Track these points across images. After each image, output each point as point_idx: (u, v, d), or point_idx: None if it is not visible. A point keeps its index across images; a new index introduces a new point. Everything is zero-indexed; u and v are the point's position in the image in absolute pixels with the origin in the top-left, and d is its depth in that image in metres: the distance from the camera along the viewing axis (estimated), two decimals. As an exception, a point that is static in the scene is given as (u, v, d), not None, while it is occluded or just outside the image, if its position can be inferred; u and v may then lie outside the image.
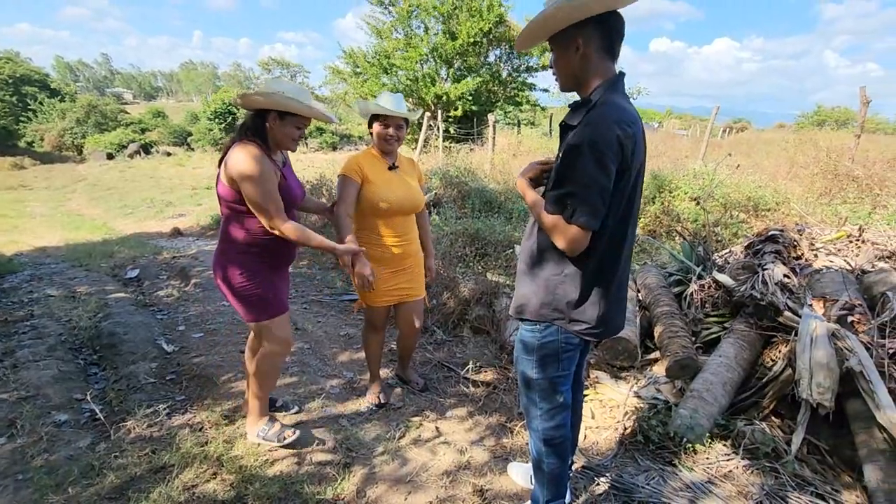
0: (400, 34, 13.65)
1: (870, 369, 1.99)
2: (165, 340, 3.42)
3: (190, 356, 3.19)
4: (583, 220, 1.27)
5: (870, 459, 1.99)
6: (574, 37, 1.33)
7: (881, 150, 7.91)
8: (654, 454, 2.25)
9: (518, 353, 1.56)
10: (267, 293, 2.03)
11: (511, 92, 14.25)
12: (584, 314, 1.43)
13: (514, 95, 14.17)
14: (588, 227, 1.28)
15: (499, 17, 12.25)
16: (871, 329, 2.11)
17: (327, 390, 2.84)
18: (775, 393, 2.36)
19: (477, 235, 5.40)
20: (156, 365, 3.06)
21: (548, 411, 1.54)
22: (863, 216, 4.70)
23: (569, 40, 1.35)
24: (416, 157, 12.71)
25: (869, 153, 7.01)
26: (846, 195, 5.19)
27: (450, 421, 2.57)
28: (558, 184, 1.33)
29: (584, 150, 1.25)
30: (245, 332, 3.60)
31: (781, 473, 2.09)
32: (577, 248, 1.32)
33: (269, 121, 1.90)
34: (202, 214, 10.56)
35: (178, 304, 4.20)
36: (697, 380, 2.47)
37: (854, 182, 5.35)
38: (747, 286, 2.60)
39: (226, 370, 3.00)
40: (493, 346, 3.51)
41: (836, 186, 5.54)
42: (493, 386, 2.89)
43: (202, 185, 17.71)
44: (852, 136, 6.49)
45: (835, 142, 8.18)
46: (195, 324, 3.76)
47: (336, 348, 3.49)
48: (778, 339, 2.48)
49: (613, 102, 1.31)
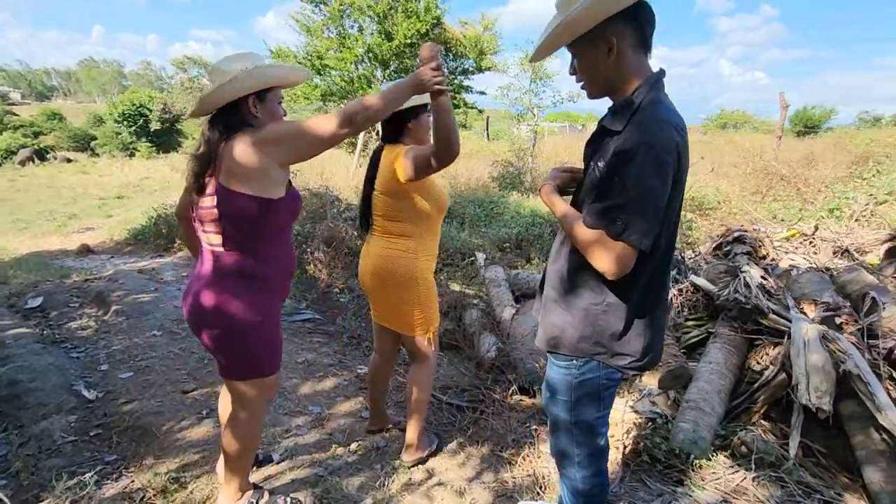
0: (332, 33, 13.10)
1: (866, 371, 2.00)
2: (85, 385, 2.87)
3: (119, 403, 2.69)
4: (634, 238, 1.08)
5: (870, 461, 2.00)
6: (604, 35, 1.14)
7: (790, 150, 8.67)
8: (661, 475, 2.14)
9: (551, 395, 1.35)
10: (276, 340, 1.65)
11: (448, 94, 14.20)
12: (629, 346, 1.25)
13: (451, 98, 14.13)
14: (640, 245, 1.09)
15: (436, 20, 12.09)
16: (861, 329, 2.14)
17: (294, 431, 2.48)
18: (767, 398, 2.35)
19: (434, 243, 5.18)
20: (75, 418, 2.53)
21: (586, 457, 1.35)
22: (793, 212, 5.03)
23: (598, 40, 1.15)
24: (356, 161, 12.26)
25: (782, 153, 7.63)
26: (776, 193, 5.58)
27: (440, 457, 2.32)
28: (603, 195, 1.13)
29: (638, 155, 1.06)
30: (186, 367, 3.13)
31: (787, 482, 2.06)
32: (622, 269, 1.13)
33: (249, 108, 1.52)
34: (116, 228, 9.43)
35: (98, 338, 3.58)
36: (691, 389, 2.41)
37: (782, 180, 5.78)
38: (730, 290, 2.59)
39: (166, 417, 2.54)
40: (469, 363, 3.30)
41: (765, 185, 5.95)
42: (480, 410, 2.67)
43: (112, 195, 16.06)
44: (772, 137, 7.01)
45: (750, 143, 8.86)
46: (121, 361, 3.21)
47: (295, 378, 3.10)
48: (763, 341, 2.48)
49: (663, 103, 1.15)
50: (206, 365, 3.14)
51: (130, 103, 27.42)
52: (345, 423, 2.58)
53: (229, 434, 1.68)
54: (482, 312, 3.77)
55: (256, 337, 1.56)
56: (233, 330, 1.53)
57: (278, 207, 1.52)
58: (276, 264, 1.60)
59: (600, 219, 1.12)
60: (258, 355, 1.59)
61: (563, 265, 1.30)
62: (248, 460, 1.80)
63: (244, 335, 1.54)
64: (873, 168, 5.37)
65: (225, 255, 1.52)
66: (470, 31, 13.16)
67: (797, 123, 25.19)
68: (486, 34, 13.21)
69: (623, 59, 1.17)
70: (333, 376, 3.12)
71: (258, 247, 1.55)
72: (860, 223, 3.81)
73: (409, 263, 1.97)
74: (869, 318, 2.18)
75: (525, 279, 3.99)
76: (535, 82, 10.68)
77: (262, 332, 1.57)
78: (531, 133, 11.39)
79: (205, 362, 3.19)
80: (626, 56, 1.17)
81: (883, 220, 3.84)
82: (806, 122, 25.81)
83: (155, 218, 7.52)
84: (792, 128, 21.71)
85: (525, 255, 5.47)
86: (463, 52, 13.19)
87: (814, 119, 26.62)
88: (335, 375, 3.14)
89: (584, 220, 1.16)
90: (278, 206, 1.51)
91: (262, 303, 1.56)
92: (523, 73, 10.74)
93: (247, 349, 1.56)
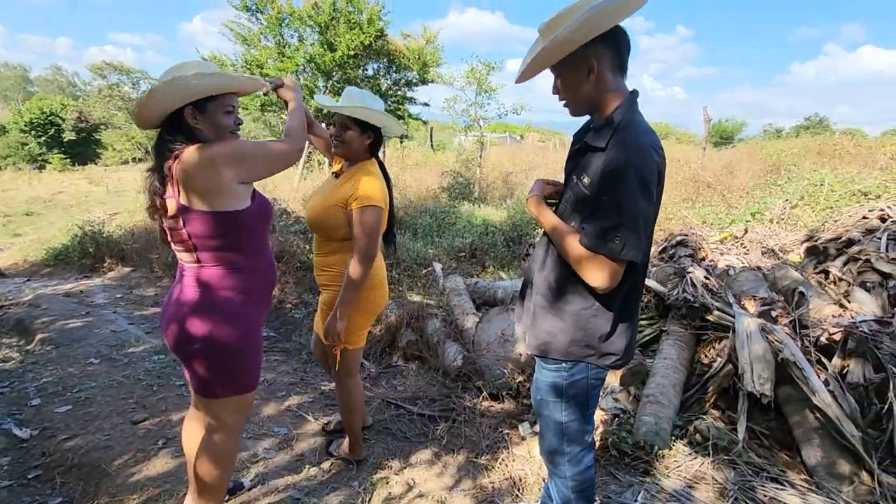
0: (270, 42, 12.76)
1: (800, 358, 2.24)
2: (15, 423, 2.59)
3: (58, 440, 2.45)
4: (632, 255, 1.16)
5: (806, 439, 2.23)
6: (584, 58, 1.23)
7: (711, 160, 9.47)
8: (629, 467, 2.26)
9: (542, 397, 1.40)
10: (258, 354, 1.59)
11: (392, 105, 14.18)
12: (613, 346, 1.34)
13: (396, 109, 14.13)
14: (636, 260, 1.19)
15: (379, 31, 12.10)
16: (793, 321, 2.39)
17: (261, 455, 2.38)
18: (716, 388, 2.55)
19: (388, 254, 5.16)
20: (8, 460, 2.29)
21: (576, 455, 1.42)
22: (721, 217, 5.50)
23: (578, 63, 1.24)
24: (300, 173, 11.95)
25: (704, 162, 8.33)
26: (704, 200, 6.10)
27: (417, 468, 2.31)
28: (596, 214, 1.20)
29: (628, 176, 1.15)
30: (133, 395, 2.90)
31: (738, 464, 2.24)
32: (614, 284, 1.21)
33: (188, 120, 1.44)
34: (29, 248, 8.56)
35: (24, 371, 3.24)
36: (649, 384, 2.57)
37: (709, 188, 6.32)
38: (678, 290, 2.79)
39: (117, 451, 2.34)
40: (435, 372, 3.31)
41: (694, 192, 6.48)
42: (452, 419, 2.69)
43: (18, 212, 14.58)
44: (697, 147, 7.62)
45: (676, 154, 9.58)
46: (56, 394, 2.93)
47: (256, 400, 2.96)
48: (710, 336, 2.70)
49: (640, 124, 1.25)
50: (157, 391, 2.94)
51: (39, 111, 25.14)
52: (314, 441, 2.50)
53: (205, 460, 1.58)
54: (443, 322, 3.80)
55: (239, 351, 1.50)
56: (215, 346, 1.46)
57: (245, 218, 1.48)
58: (255, 274, 1.55)
59: (599, 240, 1.18)
60: (241, 370, 1.53)
61: (551, 273, 1.36)
62: (224, 487, 1.70)
63: (226, 351, 1.48)
64: (785, 176, 6.03)
65: (202, 272, 1.46)
66: (413, 44, 13.29)
67: (713, 135, 27.58)
68: (428, 47, 13.39)
69: (602, 80, 1.26)
70: (296, 395, 3.02)
71: (234, 259, 1.50)
72: (780, 225, 4.26)
73: None
74: (799, 310, 2.44)
75: (484, 287, 4.07)
76: (480, 95, 10.94)
77: (246, 345, 1.52)
78: (477, 144, 11.64)
79: (154, 389, 2.98)
80: (604, 77, 1.26)
81: (798, 222, 4.32)
82: (721, 133, 28.28)
83: (79, 236, 6.90)
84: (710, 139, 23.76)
85: (480, 264, 5.58)
86: (406, 63, 13.28)
87: (728, 131, 29.29)
88: (298, 394, 3.04)
89: (582, 240, 1.21)
90: (245, 216, 1.48)
91: (244, 316, 1.51)
92: (469, 85, 10.97)
93: (228, 365, 1.50)
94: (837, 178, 5.12)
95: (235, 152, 1.44)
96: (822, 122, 30.16)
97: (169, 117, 1.45)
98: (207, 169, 1.38)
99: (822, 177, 5.15)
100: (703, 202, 6.05)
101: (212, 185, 1.40)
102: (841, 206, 4.26)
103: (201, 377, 1.50)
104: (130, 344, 3.72)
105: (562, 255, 1.30)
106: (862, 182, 4.95)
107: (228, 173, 1.41)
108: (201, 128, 1.46)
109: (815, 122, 30.20)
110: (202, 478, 1.60)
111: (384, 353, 3.75)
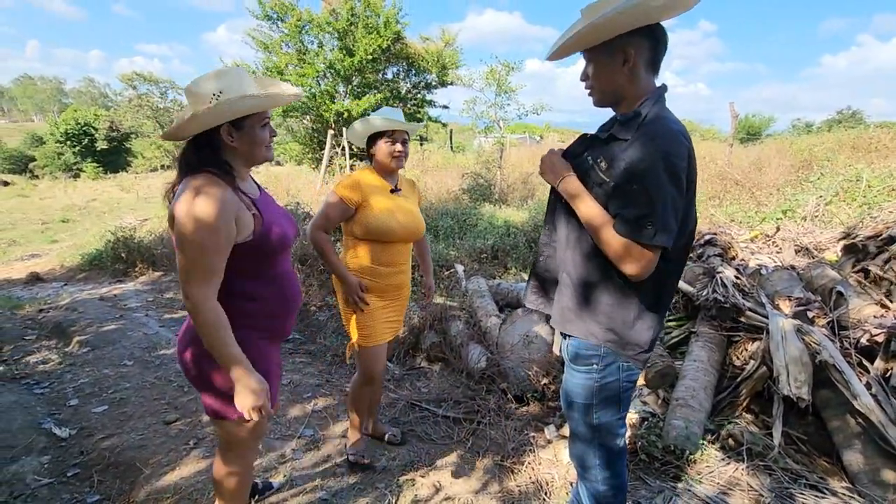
0: (290, 48, 12.99)
1: (839, 360, 2.15)
2: (55, 423, 2.68)
3: (95, 439, 2.53)
4: (662, 240, 1.14)
5: (848, 445, 2.14)
6: (623, 47, 1.22)
7: (738, 157, 9.22)
8: (659, 472, 2.21)
9: (573, 400, 1.38)
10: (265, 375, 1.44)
11: (411, 108, 14.26)
12: (639, 337, 1.31)
13: (415, 112, 14.21)
14: (667, 245, 1.16)
15: (396, 34, 12.19)
16: (831, 322, 2.30)
17: (289, 457, 2.41)
18: (749, 391, 2.47)
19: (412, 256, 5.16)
20: (48, 458, 2.37)
21: (607, 459, 1.39)
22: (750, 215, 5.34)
23: (615, 51, 1.23)
24: (321, 177, 12.10)
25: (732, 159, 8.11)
26: (732, 197, 5.93)
27: (443, 471, 2.30)
28: (629, 202, 1.17)
29: (656, 163, 1.13)
30: (165, 396, 2.98)
31: (775, 470, 2.17)
32: (648, 272, 1.19)
33: (223, 137, 1.34)
34: (65, 253, 8.89)
35: (63, 372, 3.36)
36: (679, 387, 2.51)
37: (737, 185, 6.15)
38: (708, 290, 2.72)
39: (150, 451, 2.41)
40: (458, 374, 3.30)
41: (721, 190, 6.31)
42: (477, 421, 2.68)
43: (55, 219, 15.19)
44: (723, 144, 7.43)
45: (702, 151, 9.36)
46: (93, 395, 3.03)
47: (281, 400, 3.01)
48: (742, 338, 2.62)
49: (670, 116, 1.22)
50: (187, 392, 3.01)
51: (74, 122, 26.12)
52: (340, 444, 2.52)
53: (220, 469, 1.56)
54: (466, 324, 3.79)
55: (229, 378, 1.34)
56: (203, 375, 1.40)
57: (245, 251, 1.33)
58: (255, 302, 1.41)
59: (631, 227, 1.16)
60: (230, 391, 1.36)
61: (579, 255, 1.32)
62: (244, 497, 1.66)
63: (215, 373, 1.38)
64: (817, 172, 5.82)
65: None
66: (431, 47, 13.34)
67: (740, 131, 26.91)
68: (447, 49, 13.42)
69: (635, 73, 1.24)
70: (322, 397, 3.06)
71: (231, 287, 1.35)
72: (813, 223, 4.11)
73: None
74: (837, 311, 2.35)
75: (507, 289, 4.05)
76: (500, 96, 10.90)
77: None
78: (497, 145, 11.60)
79: (185, 390, 3.05)
80: (638, 71, 1.24)
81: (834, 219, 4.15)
82: (748, 129, 27.57)
83: (112, 242, 7.14)
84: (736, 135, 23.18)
85: (502, 265, 5.55)
86: (425, 66, 13.33)
87: (755, 127, 28.54)
88: (324, 396, 3.07)
89: (616, 227, 1.19)
90: (245, 249, 1.33)
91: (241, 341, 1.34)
92: (488, 86, 10.95)
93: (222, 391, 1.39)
94: (875, 173, 4.91)
95: (198, 231, 1.23)
96: (854, 116, 29.08)
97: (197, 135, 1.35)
98: (177, 216, 1.26)
99: (858, 172, 4.95)
100: (730, 200, 5.88)
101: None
102: (879, 203, 4.09)
103: (204, 400, 1.46)
104: (161, 346, 3.82)
105: (595, 242, 1.26)
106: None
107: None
108: (237, 145, 1.36)
109: (848, 116, 29.15)
110: (218, 483, 1.59)
111: (408, 355, 3.76)
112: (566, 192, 1.33)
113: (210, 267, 1.26)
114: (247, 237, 1.33)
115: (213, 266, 1.27)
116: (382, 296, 2.11)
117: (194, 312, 1.27)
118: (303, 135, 14.74)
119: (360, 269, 2.06)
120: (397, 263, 2.11)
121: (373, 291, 2.08)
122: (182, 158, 1.37)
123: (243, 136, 1.36)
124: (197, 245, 1.23)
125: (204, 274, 1.26)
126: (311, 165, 14.59)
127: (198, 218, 1.22)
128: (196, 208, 1.22)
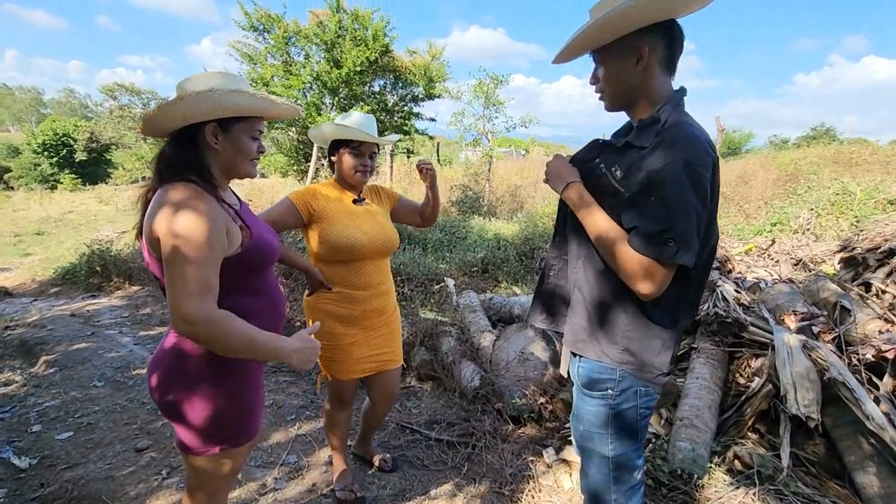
0: (276, 60, 12.90)
1: (849, 378, 2.07)
2: (14, 452, 2.47)
3: (58, 469, 2.32)
4: (685, 259, 1.04)
5: (860, 466, 2.05)
6: (636, 45, 1.13)
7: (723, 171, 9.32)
8: (666, 498, 2.09)
9: (586, 429, 1.26)
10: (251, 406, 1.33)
11: (398, 121, 14.24)
12: (657, 359, 1.20)
13: (402, 124, 14.19)
14: (688, 265, 1.06)
15: (384, 48, 12.20)
16: (837, 337, 2.23)
17: (271, 486, 2.24)
18: (755, 410, 2.38)
19: (399, 271, 5.04)
20: (4, 492, 2.16)
21: (625, 493, 1.27)
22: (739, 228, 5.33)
23: (628, 49, 1.14)
24: (306, 188, 11.94)
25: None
26: (721, 211, 5.94)
27: (437, 501, 2.15)
28: (646, 215, 1.07)
29: (678, 173, 1.03)
30: (137, 420, 2.78)
31: (786, 494, 2.07)
32: (661, 291, 1.09)
33: (207, 137, 1.21)
34: (37, 267, 8.55)
35: (26, 395, 3.13)
36: (682, 406, 2.41)
37: (725, 199, 6.17)
38: (708, 304, 2.64)
39: (118, 482, 2.21)
40: (451, 394, 3.16)
41: (710, 203, 6.29)
42: (472, 445, 2.53)
43: (29, 231, 14.74)
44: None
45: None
46: (57, 420, 2.81)
47: (263, 423, 2.82)
48: (745, 354, 2.53)
49: (692, 122, 1.13)
50: (160, 416, 2.81)
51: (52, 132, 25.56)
52: (327, 471, 2.35)
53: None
54: (458, 340, 3.66)
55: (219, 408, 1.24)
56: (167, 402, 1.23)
57: (235, 264, 1.21)
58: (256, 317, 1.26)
59: (652, 244, 1.05)
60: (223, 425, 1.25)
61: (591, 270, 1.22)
62: None
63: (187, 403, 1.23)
64: (804, 185, 5.88)
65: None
66: (418, 60, 13.38)
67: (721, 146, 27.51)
68: (434, 63, 13.47)
69: (650, 73, 1.15)
70: (306, 420, 2.89)
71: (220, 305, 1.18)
72: (805, 235, 4.10)
73: None
74: (844, 325, 2.28)
75: (500, 303, 3.93)
76: (488, 108, 10.93)
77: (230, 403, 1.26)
78: (486, 157, 11.60)
79: (157, 414, 2.85)
80: (653, 70, 1.15)
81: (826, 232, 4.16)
82: (728, 145, 28.17)
83: (87, 254, 6.86)
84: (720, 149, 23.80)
85: (493, 278, 5.44)
86: (412, 79, 13.35)
87: (735, 142, 29.16)
88: (308, 419, 2.90)
89: (632, 242, 1.08)
90: (234, 262, 1.21)
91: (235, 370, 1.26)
92: (476, 99, 10.97)
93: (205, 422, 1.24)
94: (861, 186, 4.96)
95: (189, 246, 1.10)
96: (828, 132, 29.98)
97: (181, 129, 1.22)
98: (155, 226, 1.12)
99: (845, 185, 4.99)
100: (720, 213, 5.85)
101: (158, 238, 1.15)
102: (869, 216, 4.10)
103: (176, 432, 1.29)
104: (136, 366, 3.60)
105: (604, 257, 1.16)
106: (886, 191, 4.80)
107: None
108: (220, 149, 1.23)
109: (822, 132, 30.03)
110: None
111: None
112: (570, 199, 1.23)
113: (207, 281, 1.12)
114: (235, 251, 1.21)
115: (210, 280, 1.13)
116: (363, 324, 1.91)
117: (201, 332, 1.10)
118: (288, 147, 14.60)
119: (332, 297, 1.87)
120: (373, 284, 1.89)
121: (349, 322, 1.88)
122: (160, 159, 1.22)
123: (228, 141, 1.23)
124: (189, 261, 1.09)
125: (202, 289, 1.10)
126: (296, 178, 14.41)
127: (187, 236, 1.08)
128: (183, 225, 1.08)
